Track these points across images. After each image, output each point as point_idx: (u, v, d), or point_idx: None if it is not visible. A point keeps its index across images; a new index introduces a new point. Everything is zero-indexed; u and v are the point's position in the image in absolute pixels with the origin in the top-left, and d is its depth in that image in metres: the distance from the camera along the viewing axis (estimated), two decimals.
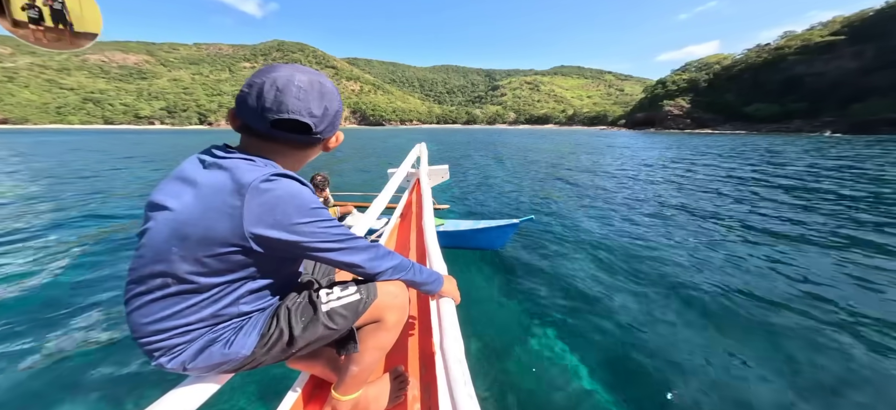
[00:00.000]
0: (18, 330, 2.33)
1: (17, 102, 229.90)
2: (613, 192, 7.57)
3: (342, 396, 0.84)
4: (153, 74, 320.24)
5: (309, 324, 0.71)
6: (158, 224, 0.59)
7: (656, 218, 5.33)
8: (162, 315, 0.60)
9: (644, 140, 36.40)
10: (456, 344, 0.72)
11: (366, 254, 0.72)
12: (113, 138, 40.63)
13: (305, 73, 0.63)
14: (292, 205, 0.61)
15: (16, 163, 12.60)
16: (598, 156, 15.97)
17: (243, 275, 0.64)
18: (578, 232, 4.57)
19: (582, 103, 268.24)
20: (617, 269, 3.37)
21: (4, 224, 4.98)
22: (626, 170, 11.49)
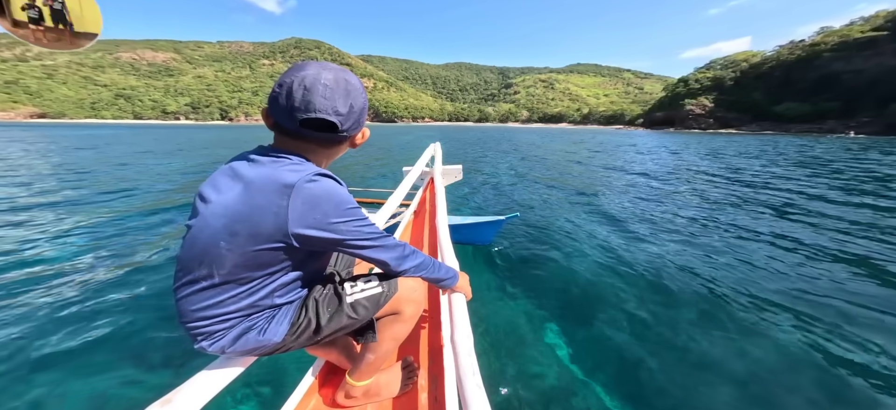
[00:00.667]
0: (63, 304, 2.50)
1: (56, 98, 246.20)
2: (617, 188, 7.52)
3: (356, 382, 0.90)
4: (179, 71, 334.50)
5: (334, 315, 0.76)
6: (208, 218, 0.62)
7: (665, 216, 5.25)
8: (206, 303, 0.64)
9: (661, 139, 35.28)
10: (466, 338, 0.75)
11: (394, 253, 0.77)
12: (143, 132, 42.57)
13: (332, 71, 0.65)
14: (331, 205, 0.64)
15: (60, 153, 13.53)
16: (604, 154, 15.68)
17: (279, 269, 0.67)
18: (576, 229, 4.56)
19: (598, 102, 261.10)
20: (617, 266, 3.32)
21: (46, 209, 5.41)
22: (634, 167, 11.31)
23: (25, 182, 7.85)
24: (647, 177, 9.46)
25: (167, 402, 0.61)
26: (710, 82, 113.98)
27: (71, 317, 2.36)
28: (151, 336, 2.21)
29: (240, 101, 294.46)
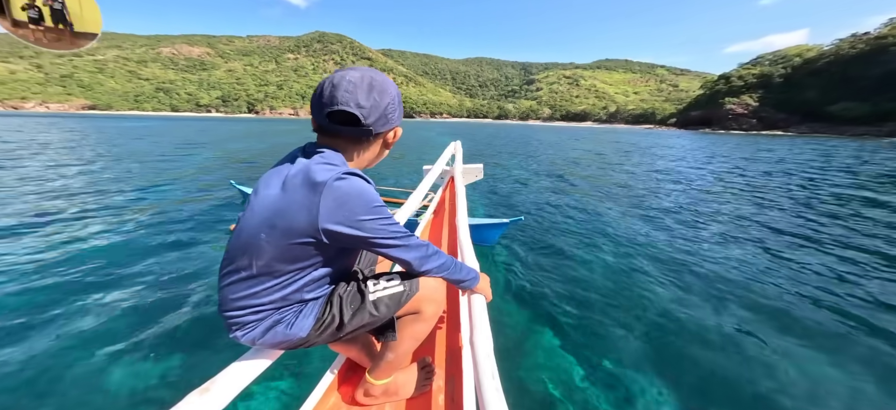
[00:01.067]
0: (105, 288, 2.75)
1: (104, 91, 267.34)
2: (627, 190, 7.22)
3: (376, 380, 0.92)
4: (212, 66, 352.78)
5: (357, 311, 0.78)
6: (254, 211, 0.67)
7: (679, 222, 5.12)
8: (244, 294, 0.69)
9: (695, 141, 32.53)
10: (486, 340, 0.74)
11: (417, 252, 0.78)
12: (183, 124, 44.84)
13: (359, 71, 0.69)
14: (359, 202, 0.66)
15: (123, 144, 14.23)
16: (622, 156, 14.70)
17: (309, 264, 0.71)
18: (588, 233, 4.56)
19: (627, 99, 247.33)
20: (625, 268, 3.35)
21: (97, 198, 5.81)
22: (654, 168, 10.53)
23: (93, 169, 8.73)
24: (674, 179, 8.66)
25: (205, 391, 0.64)
26: (756, 79, 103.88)
27: (113, 306, 2.53)
28: (184, 323, 2.33)
29: (265, 95, 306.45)
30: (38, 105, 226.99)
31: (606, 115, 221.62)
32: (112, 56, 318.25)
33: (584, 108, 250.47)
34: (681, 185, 8.19)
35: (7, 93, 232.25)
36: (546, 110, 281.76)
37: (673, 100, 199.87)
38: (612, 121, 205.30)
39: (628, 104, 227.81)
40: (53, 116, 77.93)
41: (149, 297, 2.66)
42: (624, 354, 2.08)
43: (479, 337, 0.76)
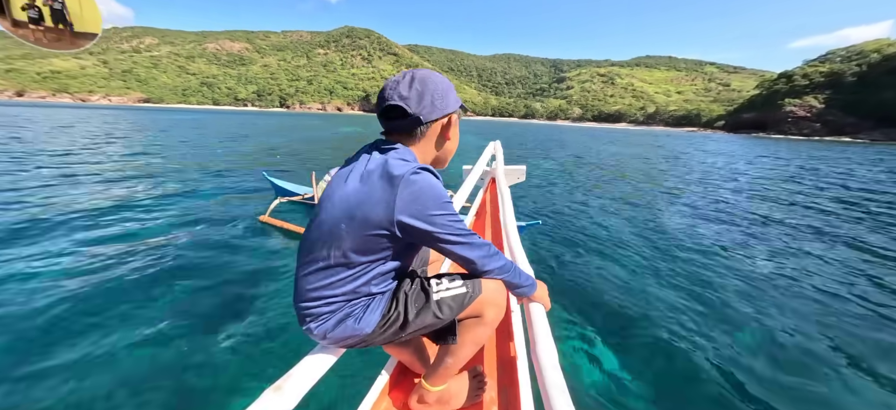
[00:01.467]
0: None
1: (158, 85, 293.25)
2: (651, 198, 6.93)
3: (432, 386, 0.89)
4: (250, 61, 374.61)
5: (421, 311, 0.79)
6: (334, 204, 0.71)
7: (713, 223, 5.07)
8: (320, 284, 0.72)
9: (748, 147, 28.88)
10: (550, 350, 0.72)
11: (480, 252, 0.78)
12: (224, 118, 48.14)
13: (410, 71, 0.76)
14: (431, 197, 0.69)
15: (179, 133, 15.15)
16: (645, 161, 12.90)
17: (379, 257, 0.73)
18: (613, 243, 4.34)
19: (668, 99, 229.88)
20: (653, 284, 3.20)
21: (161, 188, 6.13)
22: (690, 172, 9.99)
23: (151, 157, 9.45)
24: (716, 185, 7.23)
25: (278, 390, 0.65)
26: (824, 78, 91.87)
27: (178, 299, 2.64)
28: (247, 321, 2.37)
29: (296, 90, 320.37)
30: (102, 98, 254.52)
31: (643, 117, 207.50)
32: (166, 52, 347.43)
33: (618, 109, 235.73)
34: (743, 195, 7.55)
35: (77, 86, 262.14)
36: (576, 110, 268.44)
37: (723, 101, 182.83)
38: (650, 123, 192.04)
39: (670, 105, 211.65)
40: (115, 109, 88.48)
41: (196, 286, 2.78)
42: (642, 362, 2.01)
43: (544, 347, 0.74)
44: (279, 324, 2.33)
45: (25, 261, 3.04)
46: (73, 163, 7.88)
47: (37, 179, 6.14)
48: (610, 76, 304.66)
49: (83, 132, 16.25)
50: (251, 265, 3.18)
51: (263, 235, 3.87)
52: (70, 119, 26.82)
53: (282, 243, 3.72)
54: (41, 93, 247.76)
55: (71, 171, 6.95)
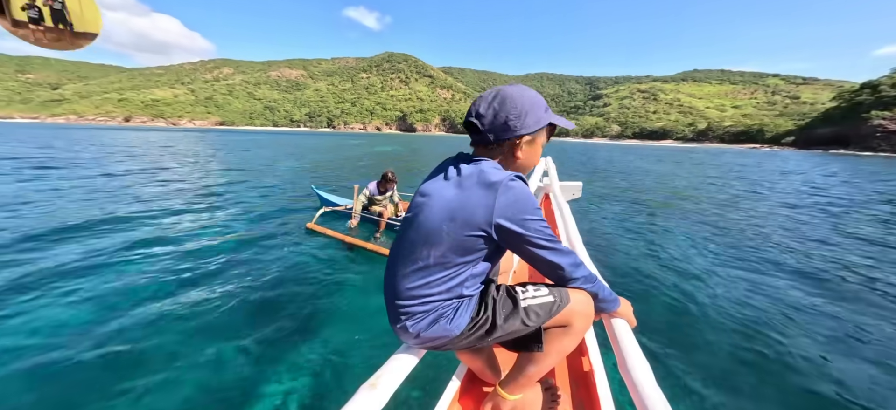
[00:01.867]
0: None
1: (231, 110, 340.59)
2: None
3: (509, 395, 0.89)
4: (304, 86, 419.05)
5: (509, 316, 0.80)
6: (432, 208, 0.75)
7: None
8: (419, 283, 0.76)
9: (830, 165, 23.48)
10: (645, 369, 0.70)
11: (568, 259, 0.79)
12: (282, 138, 52.89)
13: (499, 88, 0.81)
14: (525, 203, 0.74)
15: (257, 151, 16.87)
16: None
17: (473, 259, 0.76)
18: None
19: (723, 114, 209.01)
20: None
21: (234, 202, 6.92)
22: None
23: (217, 170, 11.22)
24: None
25: (373, 387, 0.68)
26: None
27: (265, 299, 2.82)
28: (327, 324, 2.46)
29: (341, 111, 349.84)
30: (188, 121, 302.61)
31: (693, 133, 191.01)
32: (239, 80, 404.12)
33: (663, 125, 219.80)
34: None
35: (170, 111, 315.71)
36: (615, 127, 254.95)
37: (791, 115, 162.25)
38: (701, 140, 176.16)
39: (725, 119, 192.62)
40: (198, 131, 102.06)
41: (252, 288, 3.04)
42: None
43: (636, 364, 0.71)
44: (327, 321, 2.50)
45: (117, 253, 3.62)
46: (172, 180, 9.08)
47: (133, 188, 7.31)
48: (652, 92, 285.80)
49: (178, 150, 20.06)
50: (300, 265, 3.54)
51: (311, 240, 4.31)
52: (165, 140, 32.16)
53: (325, 246, 4.15)
54: (143, 118, 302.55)
55: (173, 186, 7.99)
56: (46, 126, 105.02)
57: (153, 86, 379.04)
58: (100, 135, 35.96)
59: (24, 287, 2.83)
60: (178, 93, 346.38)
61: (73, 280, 3.00)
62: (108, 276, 3.11)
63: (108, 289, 2.86)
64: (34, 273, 3.09)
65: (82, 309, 2.53)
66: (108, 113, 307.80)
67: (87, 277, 3.06)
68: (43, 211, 5.22)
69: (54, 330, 2.27)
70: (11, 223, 4.59)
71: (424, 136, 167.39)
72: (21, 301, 2.63)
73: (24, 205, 5.58)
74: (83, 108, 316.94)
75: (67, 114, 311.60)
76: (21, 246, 3.78)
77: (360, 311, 2.71)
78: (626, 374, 0.71)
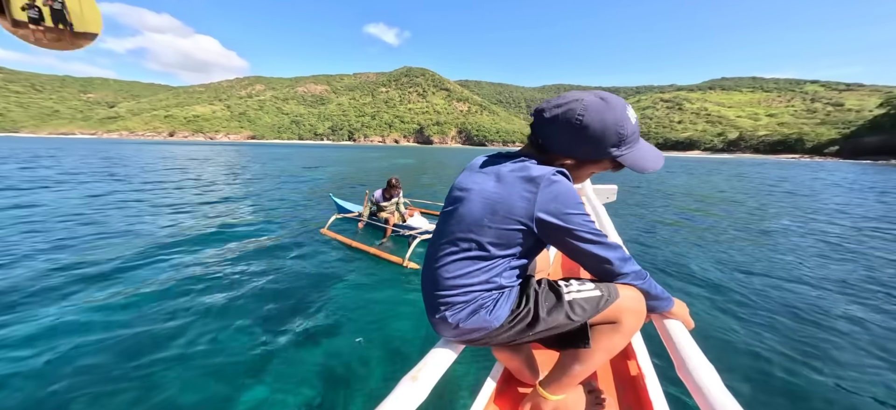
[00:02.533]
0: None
1: (261, 124, 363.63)
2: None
3: (551, 395, 0.85)
4: (328, 100, 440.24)
5: (552, 310, 0.77)
6: (473, 200, 0.75)
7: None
8: (460, 272, 0.75)
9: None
10: (710, 371, 0.65)
11: (617, 253, 0.76)
12: (304, 150, 56.21)
13: (579, 94, 0.76)
14: (568, 197, 0.72)
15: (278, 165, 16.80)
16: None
17: (512, 252, 0.76)
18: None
19: (757, 124, 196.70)
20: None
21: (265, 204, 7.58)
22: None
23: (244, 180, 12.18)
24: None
25: (414, 379, 0.68)
26: None
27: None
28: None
29: (362, 125, 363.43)
30: (224, 136, 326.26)
31: (723, 143, 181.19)
32: (269, 96, 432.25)
33: (689, 135, 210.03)
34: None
35: (209, 126, 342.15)
36: None
37: (834, 123, 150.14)
38: (732, 150, 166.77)
39: (759, 129, 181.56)
40: (233, 144, 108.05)
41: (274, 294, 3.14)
42: None
43: (700, 367, 0.66)
44: (331, 321, 2.61)
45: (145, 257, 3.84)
46: (210, 189, 9.71)
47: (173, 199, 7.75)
48: (676, 101, 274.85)
49: (217, 163, 21.80)
50: (311, 268, 3.77)
51: (325, 244, 4.57)
52: (207, 153, 35.20)
53: (336, 249, 4.42)
54: (185, 133, 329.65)
55: (204, 196, 8.46)
56: (103, 141, 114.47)
57: (195, 102, 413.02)
58: (148, 150, 38.76)
59: (53, 287, 3.03)
60: (216, 109, 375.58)
61: (104, 282, 3.21)
62: (141, 275, 3.37)
63: (136, 289, 3.04)
64: (62, 275, 3.31)
65: (110, 307, 2.73)
66: (156, 128, 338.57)
67: (117, 278, 3.31)
68: (86, 223, 5.54)
69: (82, 325, 2.40)
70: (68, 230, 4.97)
71: (441, 149, 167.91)
72: (59, 296, 2.85)
73: (69, 215, 5.99)
74: (134, 124, 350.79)
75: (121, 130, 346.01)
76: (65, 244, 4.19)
77: (362, 312, 2.83)
78: (687, 377, 0.66)
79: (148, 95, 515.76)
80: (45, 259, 3.72)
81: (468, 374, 1.79)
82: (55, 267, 3.49)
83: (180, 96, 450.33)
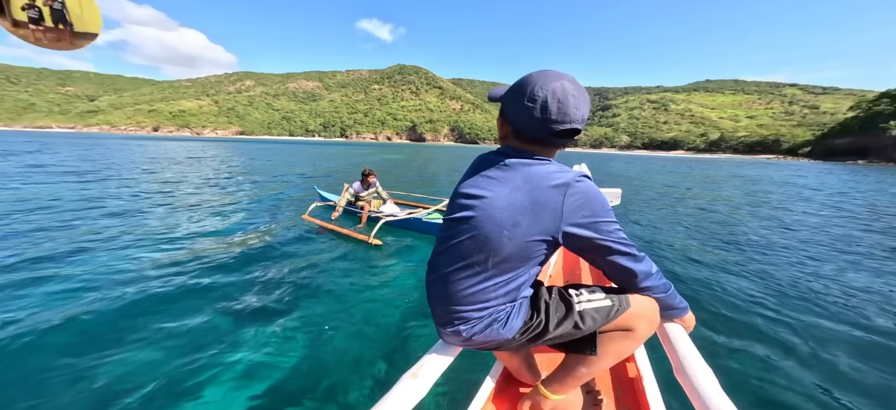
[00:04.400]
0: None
1: (251, 120, 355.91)
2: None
3: (552, 394, 0.84)
4: (320, 97, 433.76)
5: (563, 320, 0.76)
6: (487, 214, 0.69)
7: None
8: (477, 289, 0.71)
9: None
10: (707, 373, 0.65)
11: (644, 265, 0.73)
12: (295, 146, 54.71)
13: (571, 82, 0.69)
14: (598, 205, 0.68)
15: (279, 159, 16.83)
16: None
17: (531, 263, 0.71)
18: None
19: (737, 125, 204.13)
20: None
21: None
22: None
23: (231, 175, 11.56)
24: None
25: (414, 376, 0.68)
26: None
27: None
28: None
29: (354, 122, 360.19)
30: (211, 131, 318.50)
31: (705, 144, 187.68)
32: (259, 92, 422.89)
33: (673, 136, 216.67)
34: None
35: (195, 122, 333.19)
36: (624, 137, 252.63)
37: (810, 125, 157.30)
38: (713, 150, 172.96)
39: (739, 130, 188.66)
40: (220, 140, 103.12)
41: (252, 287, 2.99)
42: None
43: (697, 369, 0.66)
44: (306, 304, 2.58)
45: (121, 249, 3.66)
46: (185, 181, 9.45)
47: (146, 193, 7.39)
48: (662, 102, 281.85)
49: (202, 157, 21.04)
50: (293, 250, 3.92)
51: (305, 229, 4.85)
52: (191, 148, 33.56)
53: (311, 233, 4.68)
54: (170, 128, 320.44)
55: (184, 188, 8.21)
56: (82, 135, 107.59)
57: (181, 97, 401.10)
58: (128, 144, 36.97)
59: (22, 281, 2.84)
60: (203, 104, 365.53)
61: (72, 267, 3.11)
62: (111, 265, 3.24)
63: (107, 278, 2.94)
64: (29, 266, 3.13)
65: (86, 293, 2.62)
66: (139, 123, 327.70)
67: (88, 264, 3.23)
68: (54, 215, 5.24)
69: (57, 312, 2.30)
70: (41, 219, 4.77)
71: (433, 145, 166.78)
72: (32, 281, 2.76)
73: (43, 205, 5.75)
74: (116, 119, 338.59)
75: (101, 124, 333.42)
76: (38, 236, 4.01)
77: (341, 291, 2.93)
78: (684, 379, 0.66)
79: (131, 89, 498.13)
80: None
81: (467, 372, 1.80)
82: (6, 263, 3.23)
83: (165, 91, 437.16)
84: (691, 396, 0.63)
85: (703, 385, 0.62)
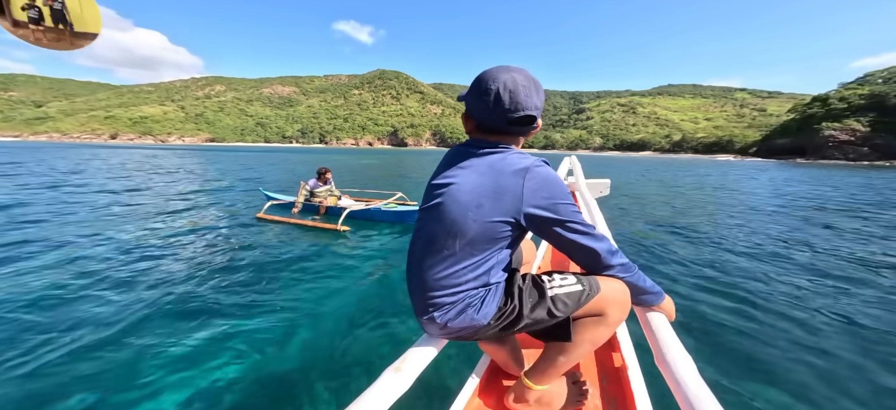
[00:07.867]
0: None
1: (222, 126, 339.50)
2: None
3: (535, 385, 0.85)
4: (297, 102, 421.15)
5: (536, 306, 0.78)
6: (456, 196, 0.73)
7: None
8: (447, 273, 0.74)
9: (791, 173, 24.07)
10: (687, 362, 0.65)
11: (604, 245, 0.76)
12: (271, 154, 52.86)
13: (521, 73, 0.74)
14: (556, 187, 0.72)
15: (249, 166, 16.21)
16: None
17: (498, 246, 0.75)
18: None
19: (696, 127, 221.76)
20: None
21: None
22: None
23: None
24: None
25: (397, 370, 0.68)
26: (865, 101, 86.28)
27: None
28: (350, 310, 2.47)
29: (334, 127, 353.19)
30: (177, 138, 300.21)
31: (669, 144, 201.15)
32: (230, 97, 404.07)
33: (642, 137, 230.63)
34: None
35: (159, 129, 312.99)
36: (597, 139, 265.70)
37: (759, 127, 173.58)
38: (676, 151, 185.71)
39: (698, 132, 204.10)
40: (187, 148, 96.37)
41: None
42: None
43: (677, 357, 0.66)
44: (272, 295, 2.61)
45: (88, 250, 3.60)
46: (142, 189, 9.26)
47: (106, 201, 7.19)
48: (631, 106, 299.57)
49: (160, 165, 19.82)
50: (254, 246, 3.97)
51: (261, 226, 4.95)
52: (152, 154, 31.70)
53: (272, 229, 4.76)
54: (131, 135, 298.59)
55: (142, 196, 8.01)
56: (28, 145, 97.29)
57: (142, 102, 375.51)
58: (78, 153, 34.55)
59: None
60: (168, 110, 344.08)
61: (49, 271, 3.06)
62: (68, 273, 3.09)
63: (67, 287, 2.83)
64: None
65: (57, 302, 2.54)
66: (94, 130, 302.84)
67: (57, 268, 3.13)
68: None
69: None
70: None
71: (414, 150, 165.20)
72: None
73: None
74: (68, 126, 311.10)
75: (50, 132, 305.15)
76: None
77: (312, 283, 2.90)
78: (665, 368, 0.67)
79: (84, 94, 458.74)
80: None
81: (453, 365, 1.78)
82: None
83: (124, 96, 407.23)
84: (671, 383, 0.64)
85: (682, 372, 0.63)
